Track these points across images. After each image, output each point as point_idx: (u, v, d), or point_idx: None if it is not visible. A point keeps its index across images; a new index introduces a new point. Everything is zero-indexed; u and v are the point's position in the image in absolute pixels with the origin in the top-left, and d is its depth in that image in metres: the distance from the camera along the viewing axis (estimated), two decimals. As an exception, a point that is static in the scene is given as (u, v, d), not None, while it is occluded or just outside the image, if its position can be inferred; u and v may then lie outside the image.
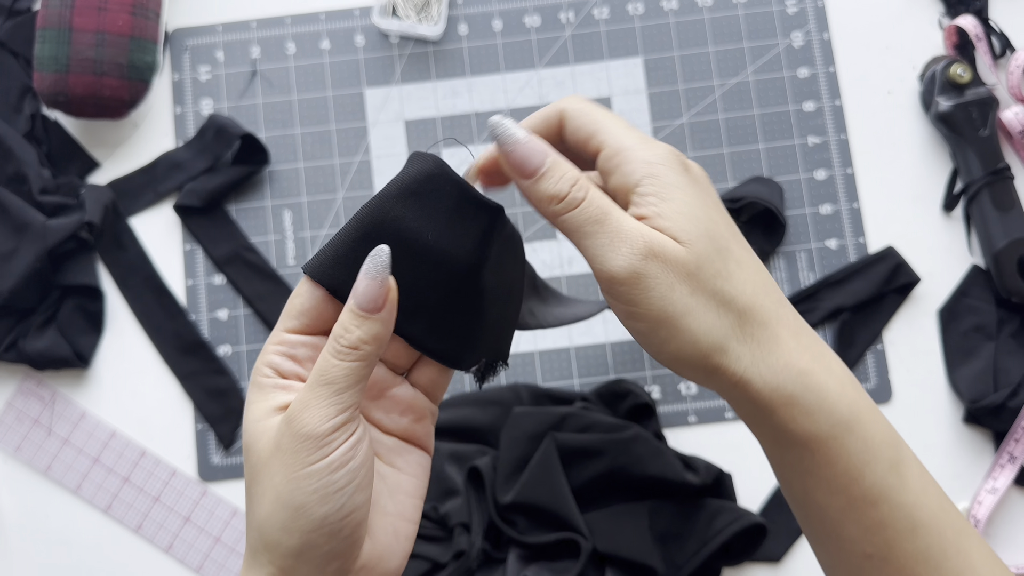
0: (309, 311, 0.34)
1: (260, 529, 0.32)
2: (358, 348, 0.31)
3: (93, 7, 0.66)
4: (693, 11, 0.72)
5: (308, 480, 0.31)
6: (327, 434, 0.31)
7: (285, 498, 0.31)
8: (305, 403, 0.31)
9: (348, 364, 0.31)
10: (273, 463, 0.31)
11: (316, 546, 0.31)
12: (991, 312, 0.67)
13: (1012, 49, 0.70)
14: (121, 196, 0.70)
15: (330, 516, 0.31)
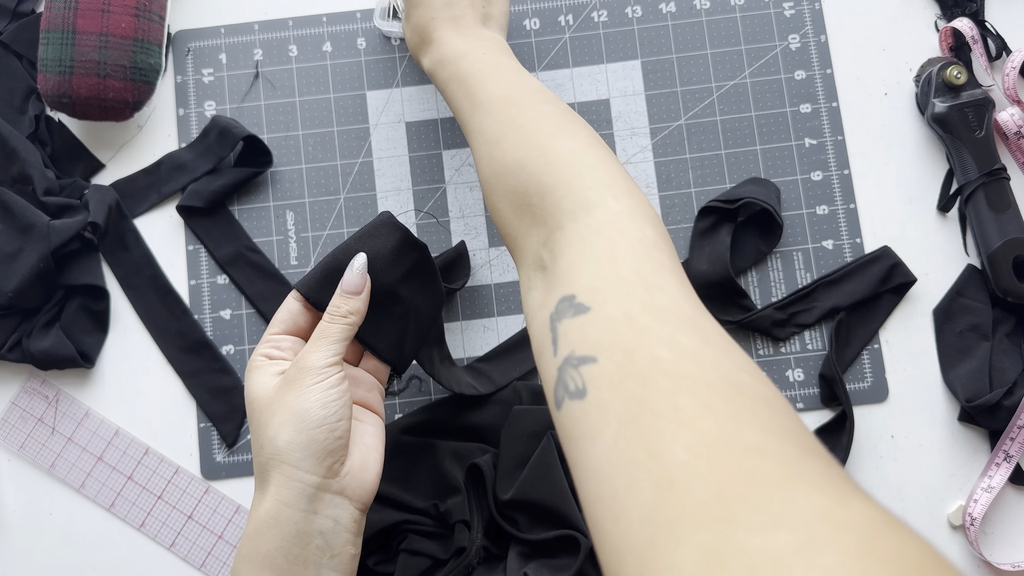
0: (288, 320, 0.51)
1: (273, 439, 0.45)
2: (345, 317, 0.49)
3: (97, 9, 0.67)
4: (691, 14, 0.73)
5: (311, 392, 0.45)
6: (324, 367, 0.46)
7: (294, 407, 0.45)
8: (308, 349, 0.47)
9: (338, 326, 0.48)
10: (284, 392, 0.46)
11: (318, 441, 0.44)
12: (986, 312, 0.68)
13: (1008, 51, 0.71)
14: (125, 197, 0.71)
15: (328, 417, 0.45)
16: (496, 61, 0.52)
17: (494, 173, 0.46)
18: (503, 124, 0.47)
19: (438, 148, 0.71)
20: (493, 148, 0.47)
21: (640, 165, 0.71)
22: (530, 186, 0.43)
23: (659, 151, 0.71)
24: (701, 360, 0.31)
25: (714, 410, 0.28)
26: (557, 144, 0.44)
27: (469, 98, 0.51)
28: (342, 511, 0.45)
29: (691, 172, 0.71)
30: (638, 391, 0.30)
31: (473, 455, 0.62)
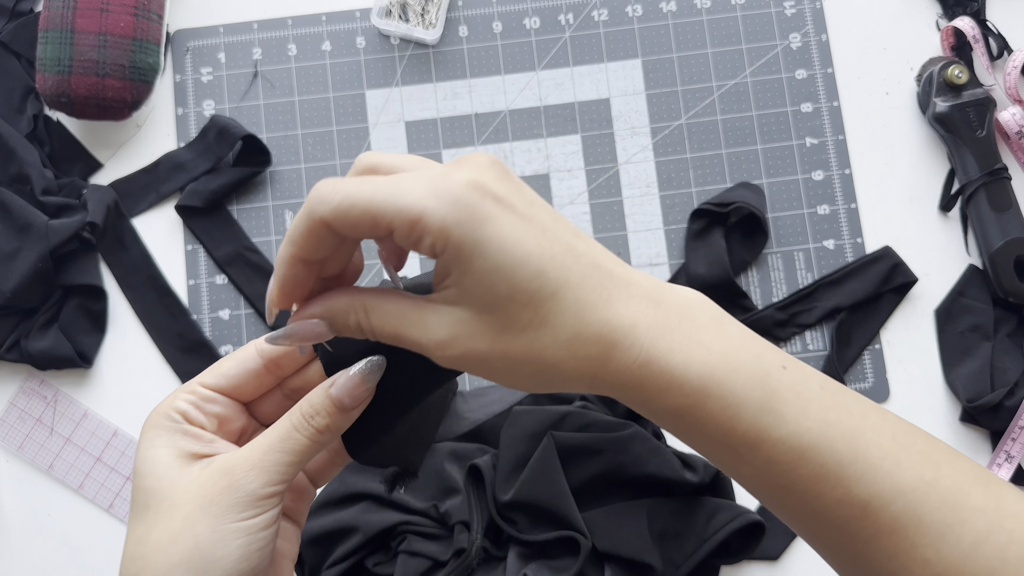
0: (236, 377, 0.36)
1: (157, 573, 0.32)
2: (323, 434, 0.33)
3: (95, 8, 0.66)
4: (691, 13, 0.72)
5: (235, 535, 0.31)
6: (267, 496, 0.32)
7: (206, 549, 0.31)
8: (253, 463, 0.32)
9: (308, 442, 0.33)
10: (195, 513, 0.32)
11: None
12: (988, 312, 0.67)
13: (1009, 50, 0.70)
14: (123, 196, 0.70)
15: (244, 573, 0.32)
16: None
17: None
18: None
19: (438, 147, 0.71)
20: None
21: (640, 165, 0.71)
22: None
23: (660, 150, 0.71)
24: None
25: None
26: None
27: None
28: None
29: (692, 172, 0.70)
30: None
31: (473, 456, 0.62)
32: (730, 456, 0.33)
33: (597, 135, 0.71)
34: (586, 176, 0.71)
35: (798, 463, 0.32)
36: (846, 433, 0.32)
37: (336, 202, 0.30)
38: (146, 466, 0.33)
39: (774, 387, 0.32)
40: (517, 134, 0.71)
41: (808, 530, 0.34)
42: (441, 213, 0.29)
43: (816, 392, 0.33)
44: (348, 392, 0.33)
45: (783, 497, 0.33)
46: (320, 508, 0.61)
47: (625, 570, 0.58)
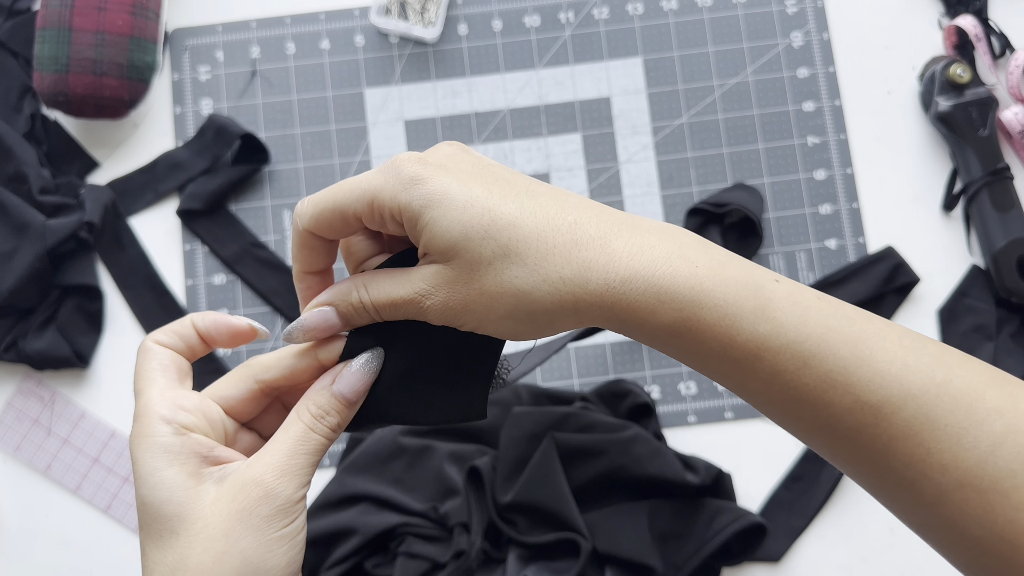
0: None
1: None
2: (335, 431, 0.34)
3: (93, 7, 0.66)
4: (693, 11, 0.72)
5: (280, 543, 0.32)
6: (300, 500, 0.33)
7: (256, 562, 0.31)
8: (283, 469, 0.33)
9: (325, 440, 0.34)
10: (236, 528, 0.32)
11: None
12: (990, 312, 0.67)
13: (1012, 49, 0.70)
14: (121, 196, 0.70)
15: (294, 574, 0.33)
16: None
17: None
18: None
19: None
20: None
21: (641, 164, 0.70)
22: None
23: (661, 150, 0.70)
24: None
25: None
26: None
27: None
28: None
29: (693, 171, 0.70)
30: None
31: (472, 457, 0.61)
32: (735, 372, 0.32)
33: (598, 134, 0.71)
34: (587, 175, 0.70)
35: (803, 371, 0.31)
36: (849, 339, 0.32)
37: (310, 211, 0.33)
38: (160, 492, 0.32)
39: (768, 296, 0.32)
40: (517, 133, 0.71)
41: (824, 444, 0.33)
42: (389, 186, 0.32)
43: (814, 301, 0.32)
44: (351, 386, 0.34)
45: (794, 409, 0.32)
46: (319, 510, 0.61)
47: (626, 572, 0.57)
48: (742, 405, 0.67)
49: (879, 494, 0.34)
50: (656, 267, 0.31)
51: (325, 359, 0.35)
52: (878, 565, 0.64)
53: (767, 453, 0.66)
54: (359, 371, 0.34)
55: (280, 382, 0.36)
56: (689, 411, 0.67)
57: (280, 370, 0.36)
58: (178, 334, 0.36)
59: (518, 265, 0.31)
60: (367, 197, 0.32)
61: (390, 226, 0.33)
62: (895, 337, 0.32)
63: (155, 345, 0.35)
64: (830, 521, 0.65)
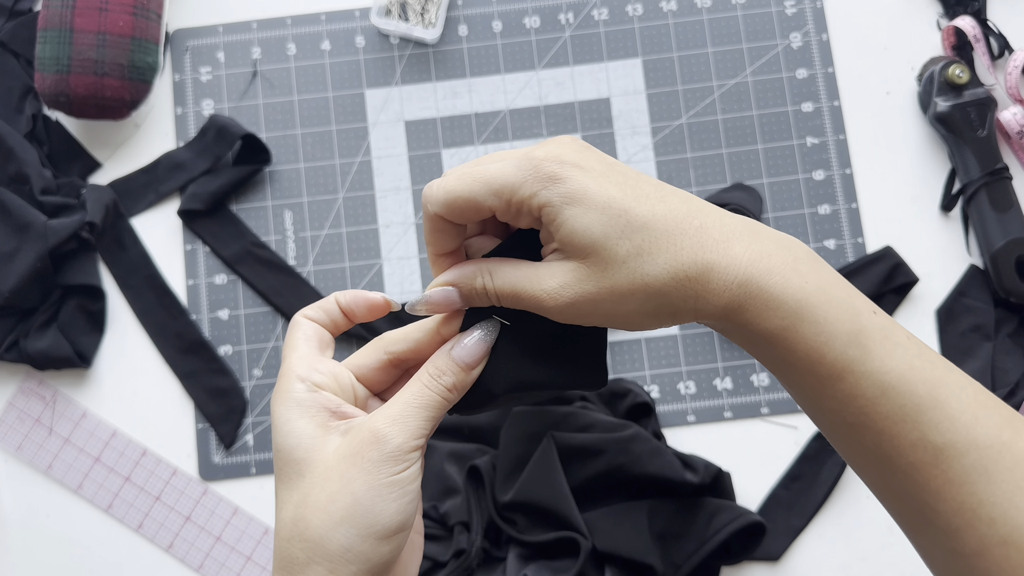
0: (321, 326, 0.39)
1: (321, 535, 0.34)
2: (451, 391, 0.36)
3: (94, 8, 0.66)
4: (692, 12, 0.72)
5: (389, 488, 0.34)
6: (412, 450, 0.34)
7: (365, 503, 0.33)
8: (395, 419, 0.35)
9: (439, 398, 0.36)
10: (350, 471, 0.34)
11: (381, 556, 0.34)
12: (989, 312, 0.67)
13: (1010, 50, 0.70)
14: (122, 196, 0.70)
15: (404, 525, 0.34)
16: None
17: None
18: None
19: (437, 147, 0.71)
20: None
21: (641, 164, 0.70)
22: None
23: (660, 150, 0.71)
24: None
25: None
26: None
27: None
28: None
29: (692, 171, 0.70)
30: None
31: (472, 456, 0.61)
32: (815, 387, 0.34)
33: (597, 134, 0.71)
34: (586, 176, 0.70)
35: (879, 399, 0.33)
36: (928, 380, 0.34)
37: (441, 198, 0.35)
38: (291, 439, 0.35)
39: (864, 325, 0.34)
40: (517, 133, 0.71)
41: (878, 475, 0.35)
42: (529, 184, 0.33)
43: (903, 339, 0.34)
44: (469, 352, 0.36)
45: (860, 435, 0.34)
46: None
47: (625, 571, 0.57)
48: (741, 405, 0.67)
49: (920, 536, 0.35)
50: (771, 275, 0.33)
51: (446, 333, 0.38)
52: (877, 564, 0.65)
53: (766, 452, 0.66)
54: (476, 340, 0.36)
55: (407, 354, 0.39)
56: (688, 410, 0.67)
57: (407, 343, 0.39)
58: (323, 309, 0.39)
59: (650, 264, 0.33)
60: (505, 193, 0.34)
61: (523, 220, 0.35)
62: (972, 391, 0.34)
63: (303, 319, 0.39)
64: (829, 520, 0.65)
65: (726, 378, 0.68)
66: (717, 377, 0.68)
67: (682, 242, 0.33)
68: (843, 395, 0.33)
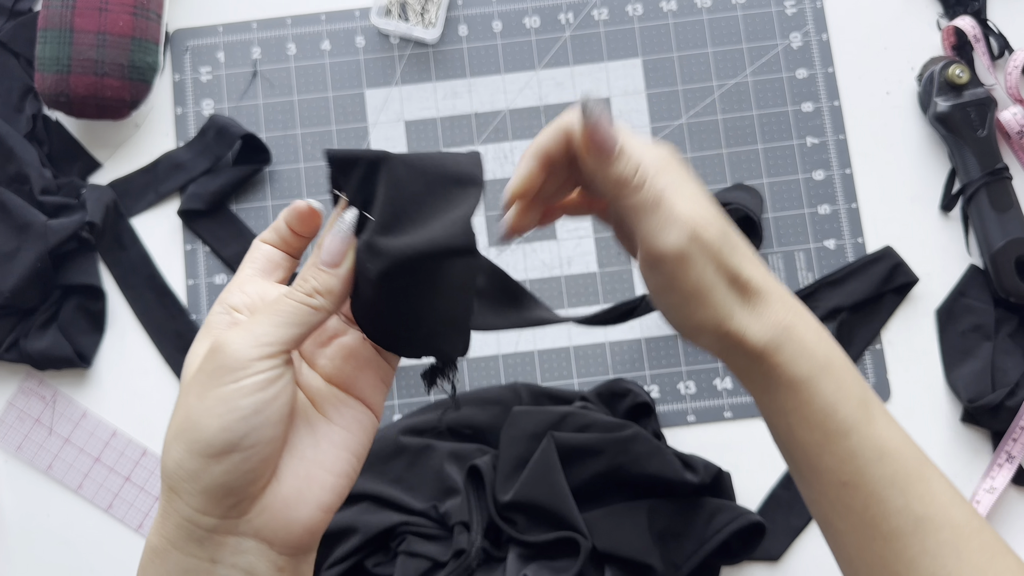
0: (262, 259, 0.37)
1: (164, 453, 0.31)
2: (312, 296, 0.33)
3: (94, 8, 0.66)
4: (692, 12, 0.72)
5: (216, 402, 0.30)
6: (256, 359, 0.31)
7: (193, 419, 0.31)
8: (239, 328, 0.32)
9: (297, 304, 0.32)
10: (192, 384, 0.31)
11: (213, 475, 0.30)
12: (989, 312, 0.67)
13: (1010, 50, 0.70)
14: (122, 196, 0.70)
15: (232, 444, 0.30)
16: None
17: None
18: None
19: (437, 147, 0.71)
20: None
21: (641, 164, 0.70)
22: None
23: (660, 150, 0.71)
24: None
25: None
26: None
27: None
28: (256, 559, 0.32)
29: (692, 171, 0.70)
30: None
31: (472, 456, 0.62)
32: (820, 443, 0.37)
33: (597, 135, 0.71)
34: (586, 176, 0.71)
35: (876, 462, 0.36)
36: (918, 456, 0.37)
37: (592, 123, 0.37)
38: (192, 361, 0.33)
39: (870, 395, 0.38)
40: (517, 133, 0.71)
41: (860, 540, 0.37)
42: (655, 163, 0.37)
43: (894, 419, 0.38)
44: (327, 251, 0.33)
45: (851, 496, 0.37)
46: (319, 509, 0.61)
47: (625, 571, 0.58)
48: (741, 405, 0.67)
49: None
50: (808, 329, 0.37)
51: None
52: (877, 564, 0.65)
53: (766, 452, 0.66)
54: (333, 234, 0.34)
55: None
56: (688, 410, 0.67)
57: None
58: (275, 229, 0.37)
59: (712, 268, 0.37)
60: (634, 160, 0.38)
61: (628, 189, 0.37)
62: (947, 480, 0.38)
63: (257, 241, 0.37)
64: (829, 520, 0.65)
65: (726, 378, 0.68)
66: (717, 377, 0.68)
67: (744, 267, 0.37)
68: (844, 453, 0.37)
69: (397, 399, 0.68)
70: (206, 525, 0.31)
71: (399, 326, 0.36)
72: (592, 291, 0.69)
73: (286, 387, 0.32)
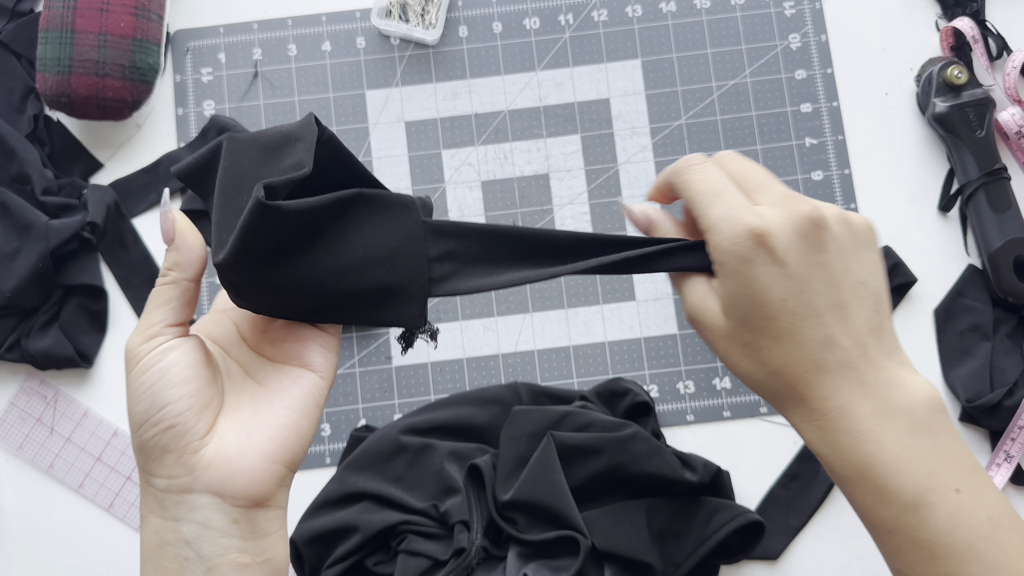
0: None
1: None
2: (165, 274, 0.38)
3: (95, 9, 0.67)
4: (691, 13, 0.73)
5: (129, 387, 0.37)
6: (137, 347, 0.37)
7: (128, 407, 0.37)
8: (134, 330, 0.38)
9: (159, 287, 0.38)
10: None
11: (146, 441, 0.36)
12: (987, 312, 0.68)
13: (1009, 51, 0.70)
14: (124, 196, 0.70)
15: (147, 412, 0.36)
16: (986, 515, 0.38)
17: None
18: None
19: (437, 148, 0.71)
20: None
21: (640, 165, 0.71)
22: None
23: (659, 151, 0.71)
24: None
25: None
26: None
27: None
28: (211, 513, 0.36)
29: (691, 172, 0.70)
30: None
31: (472, 455, 0.62)
32: (871, 528, 0.40)
33: (597, 135, 0.71)
34: (586, 176, 0.71)
35: (928, 562, 0.38)
36: (983, 561, 0.37)
37: (684, 180, 0.42)
38: None
39: (931, 499, 0.38)
40: (517, 134, 0.71)
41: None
42: (726, 243, 0.39)
43: (981, 520, 0.38)
44: (161, 230, 0.39)
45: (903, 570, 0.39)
46: (320, 508, 0.61)
47: (625, 570, 0.58)
48: (740, 404, 0.67)
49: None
50: (846, 434, 0.39)
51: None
52: (875, 563, 0.65)
53: (765, 451, 0.66)
54: (160, 215, 0.39)
55: None
56: (688, 410, 0.67)
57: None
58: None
59: (771, 340, 0.40)
60: (713, 231, 0.41)
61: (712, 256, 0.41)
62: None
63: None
64: (827, 519, 0.65)
65: (725, 378, 0.68)
66: (716, 377, 0.68)
67: (804, 352, 0.39)
68: (892, 547, 0.39)
69: (397, 399, 0.68)
70: (160, 486, 0.36)
71: (298, 297, 0.37)
72: (592, 290, 0.69)
73: (182, 355, 0.37)
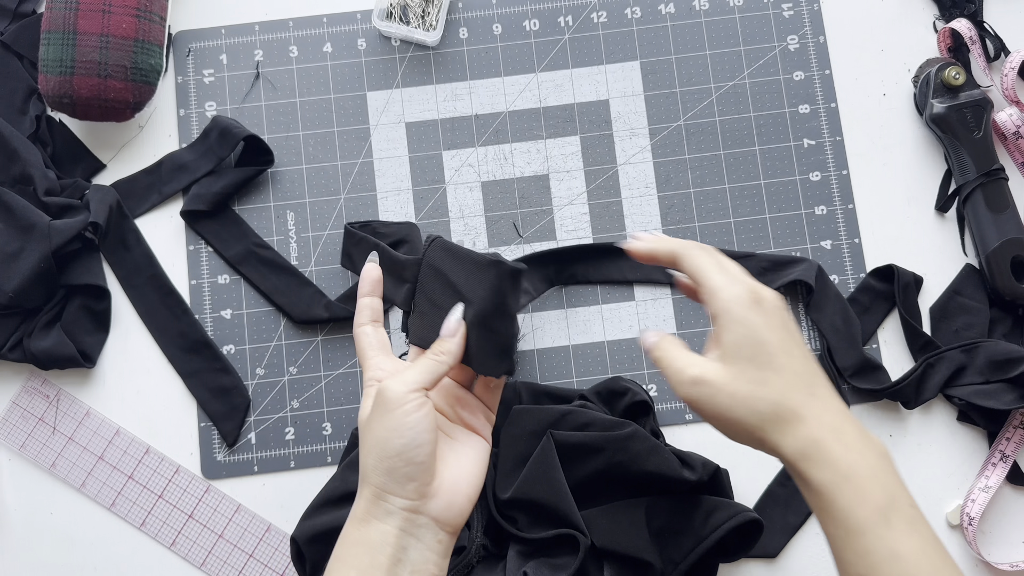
0: (378, 343, 0.54)
1: (364, 461, 0.48)
2: (438, 355, 0.50)
3: (97, 10, 0.67)
4: (690, 15, 0.73)
5: (389, 421, 0.47)
6: (404, 393, 0.48)
7: (378, 436, 0.47)
8: (395, 377, 0.49)
9: (430, 360, 0.50)
10: (372, 420, 0.48)
11: (397, 468, 0.47)
12: (983, 311, 0.68)
13: (1006, 52, 0.71)
14: (126, 197, 0.71)
15: (406, 447, 0.47)
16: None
17: None
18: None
19: (438, 148, 0.72)
20: None
21: (639, 165, 0.71)
22: None
23: (658, 151, 0.71)
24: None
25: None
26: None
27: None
28: (427, 532, 0.47)
29: (690, 173, 0.71)
30: None
31: (473, 454, 0.62)
32: (842, 536, 0.43)
33: (596, 136, 0.72)
34: (585, 177, 0.71)
35: (889, 562, 0.41)
36: (936, 565, 0.42)
37: (687, 251, 0.49)
38: (361, 412, 0.51)
39: (901, 509, 0.42)
40: (517, 135, 0.72)
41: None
42: (734, 297, 0.46)
43: (929, 536, 0.43)
44: (447, 328, 0.51)
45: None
46: (321, 506, 0.61)
47: (624, 568, 0.58)
48: (739, 403, 0.67)
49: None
50: (836, 442, 0.44)
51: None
52: (873, 561, 0.65)
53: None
54: (451, 320, 0.51)
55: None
56: (686, 409, 0.68)
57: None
58: (370, 308, 0.54)
59: (765, 389, 0.46)
60: (713, 294, 0.47)
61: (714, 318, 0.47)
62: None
63: (359, 330, 0.53)
64: (826, 518, 0.66)
65: (724, 377, 0.68)
66: (715, 376, 0.68)
67: (792, 397, 0.45)
68: (860, 548, 0.42)
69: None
70: (398, 504, 0.47)
71: (481, 358, 0.52)
72: (593, 296, 0.69)
73: (429, 412, 0.48)
